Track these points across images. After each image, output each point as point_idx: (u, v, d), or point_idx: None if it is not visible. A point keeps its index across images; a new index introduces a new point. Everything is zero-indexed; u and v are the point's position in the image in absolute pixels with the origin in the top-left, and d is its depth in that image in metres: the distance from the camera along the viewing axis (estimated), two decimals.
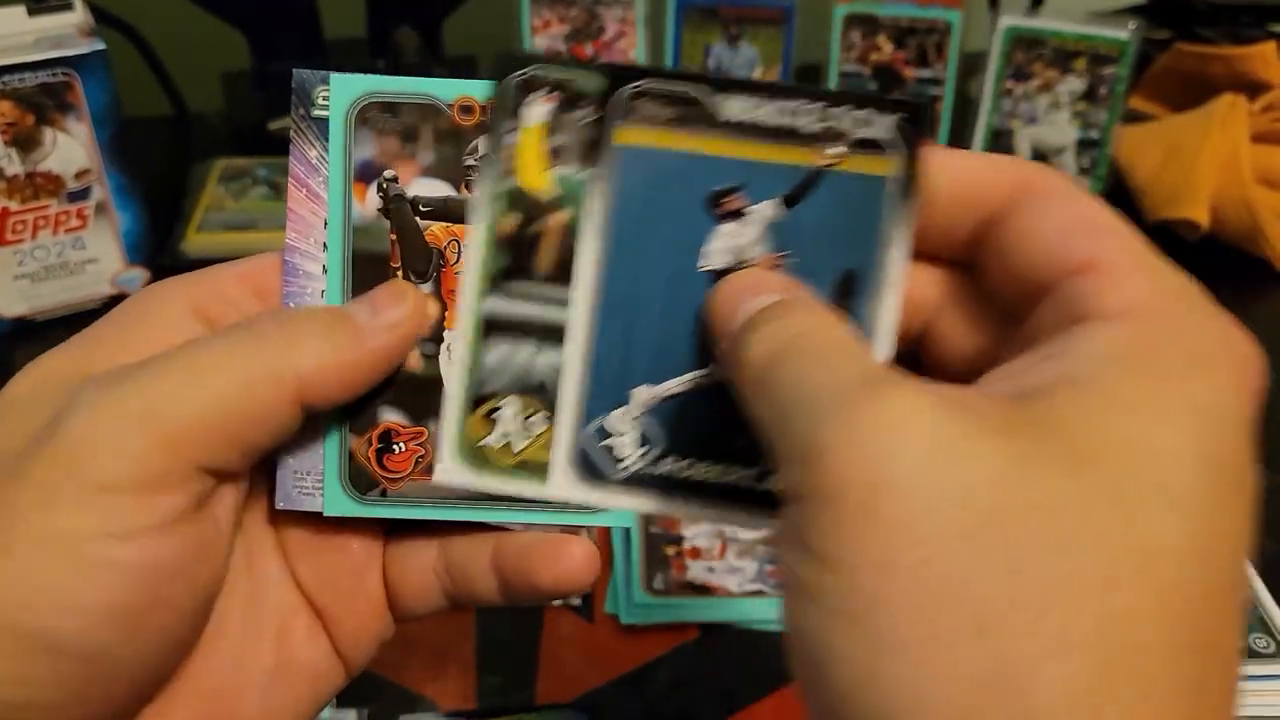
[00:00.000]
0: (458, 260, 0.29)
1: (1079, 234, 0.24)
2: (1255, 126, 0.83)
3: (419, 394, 0.30)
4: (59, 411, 0.24)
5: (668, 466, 0.28)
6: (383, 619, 0.31)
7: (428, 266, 0.29)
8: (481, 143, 0.29)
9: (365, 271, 0.29)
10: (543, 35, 0.82)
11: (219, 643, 0.28)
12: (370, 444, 0.30)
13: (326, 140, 0.29)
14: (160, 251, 0.75)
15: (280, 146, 0.87)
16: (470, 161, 0.29)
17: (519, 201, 0.28)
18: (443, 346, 0.29)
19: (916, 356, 0.28)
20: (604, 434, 0.28)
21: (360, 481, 0.29)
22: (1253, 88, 0.86)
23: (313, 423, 0.28)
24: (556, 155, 0.28)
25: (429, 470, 0.29)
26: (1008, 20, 0.78)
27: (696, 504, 0.28)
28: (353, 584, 0.30)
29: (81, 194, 0.68)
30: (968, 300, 0.27)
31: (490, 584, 0.30)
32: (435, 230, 0.29)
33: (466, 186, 0.29)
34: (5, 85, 0.63)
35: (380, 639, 0.31)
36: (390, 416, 0.30)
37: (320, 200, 0.29)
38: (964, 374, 0.26)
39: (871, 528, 0.19)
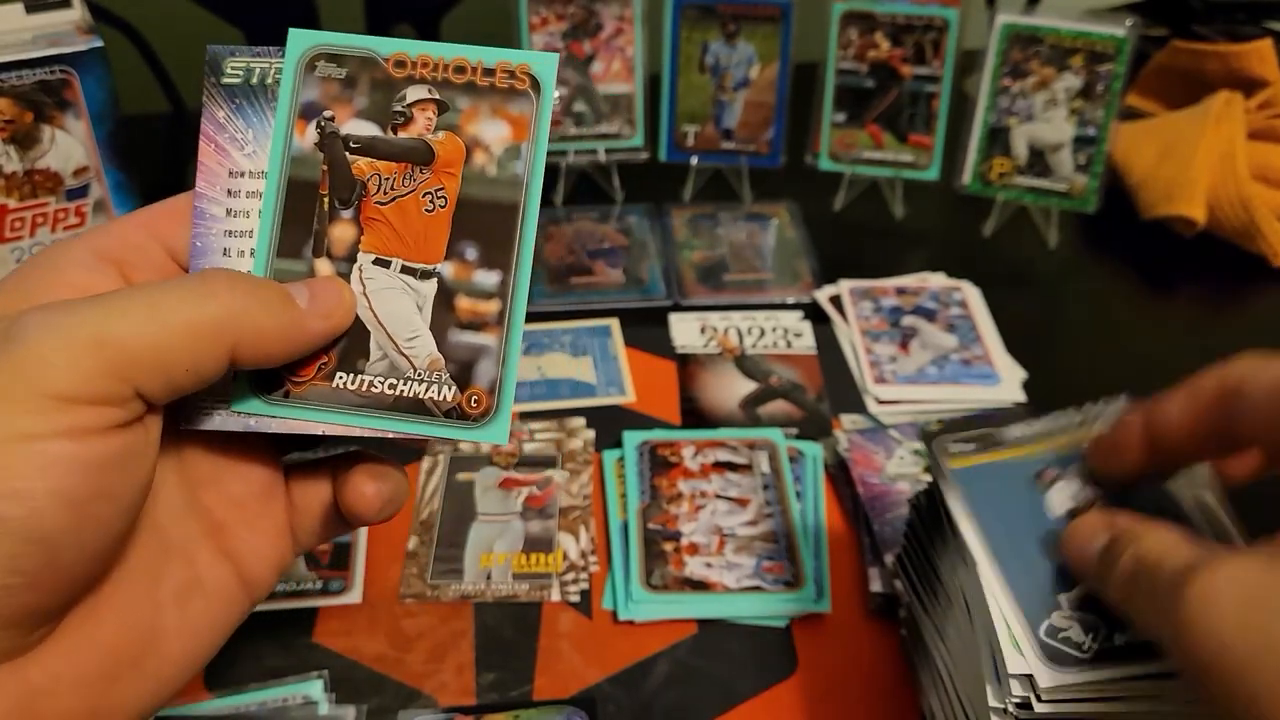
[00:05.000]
0: (378, 191, 0.32)
1: None
2: (1251, 123, 0.84)
3: None
4: (5, 333, 0.26)
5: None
6: (285, 541, 0.34)
7: (350, 195, 0.32)
8: None
9: (298, 195, 0.32)
10: (540, 32, 0.82)
11: (133, 561, 0.30)
12: None
13: (233, 103, 0.33)
14: None
15: None
16: (398, 108, 0.32)
17: None
18: (354, 267, 0.32)
19: None
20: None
21: (266, 382, 0.32)
22: (1249, 85, 0.86)
23: None
24: None
25: (330, 376, 0.32)
26: (1005, 17, 0.78)
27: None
28: (260, 507, 0.33)
29: (80, 191, 0.68)
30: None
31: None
32: (361, 164, 0.32)
33: (393, 129, 0.32)
34: (3, 83, 0.63)
35: (281, 568, 0.34)
36: None
37: (226, 154, 0.32)
38: None
39: (1222, 684, 0.28)
